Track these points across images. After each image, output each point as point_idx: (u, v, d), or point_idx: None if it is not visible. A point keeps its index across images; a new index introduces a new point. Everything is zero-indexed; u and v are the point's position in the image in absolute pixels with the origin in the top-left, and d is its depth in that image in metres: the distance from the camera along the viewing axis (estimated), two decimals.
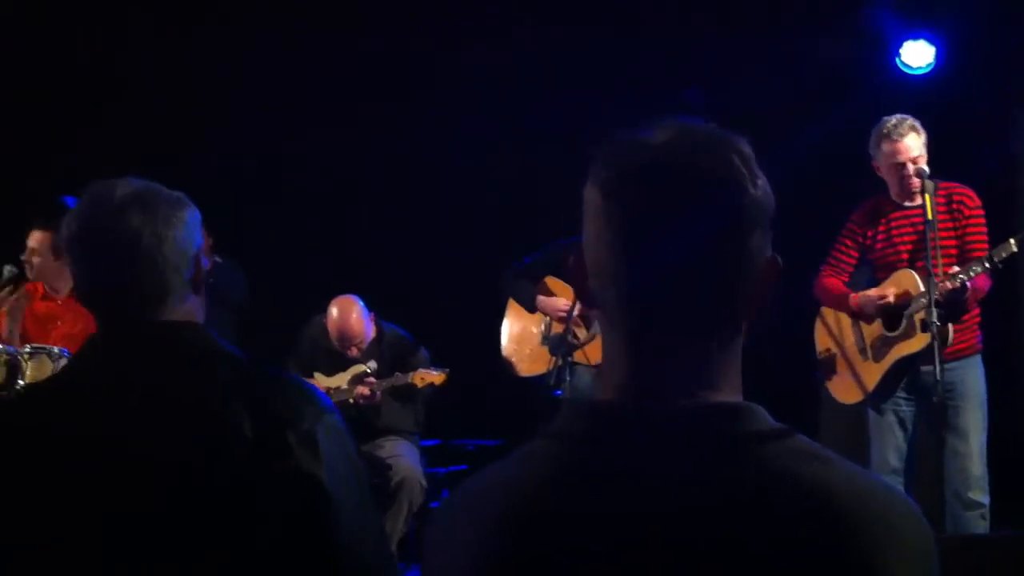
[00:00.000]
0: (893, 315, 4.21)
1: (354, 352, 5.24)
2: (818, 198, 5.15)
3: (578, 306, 4.56)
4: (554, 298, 5.00)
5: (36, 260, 4.78)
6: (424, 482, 5.04)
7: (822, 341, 4.55)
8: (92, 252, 1.66)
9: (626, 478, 1.01)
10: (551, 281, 5.07)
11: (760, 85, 5.59)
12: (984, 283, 4.06)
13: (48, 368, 4.20)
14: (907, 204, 4.26)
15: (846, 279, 4.41)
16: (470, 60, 6.05)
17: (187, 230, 1.67)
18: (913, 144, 4.17)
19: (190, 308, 1.69)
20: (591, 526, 1.01)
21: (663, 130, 1.06)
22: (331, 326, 5.20)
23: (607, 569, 0.99)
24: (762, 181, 1.05)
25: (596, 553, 1.00)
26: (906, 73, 5.61)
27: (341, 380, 5.30)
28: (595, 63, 5.84)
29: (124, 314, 1.65)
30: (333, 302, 5.22)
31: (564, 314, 4.78)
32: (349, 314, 5.18)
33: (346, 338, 5.20)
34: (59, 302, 4.83)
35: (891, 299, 4.17)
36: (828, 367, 4.50)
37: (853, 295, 4.29)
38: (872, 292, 4.23)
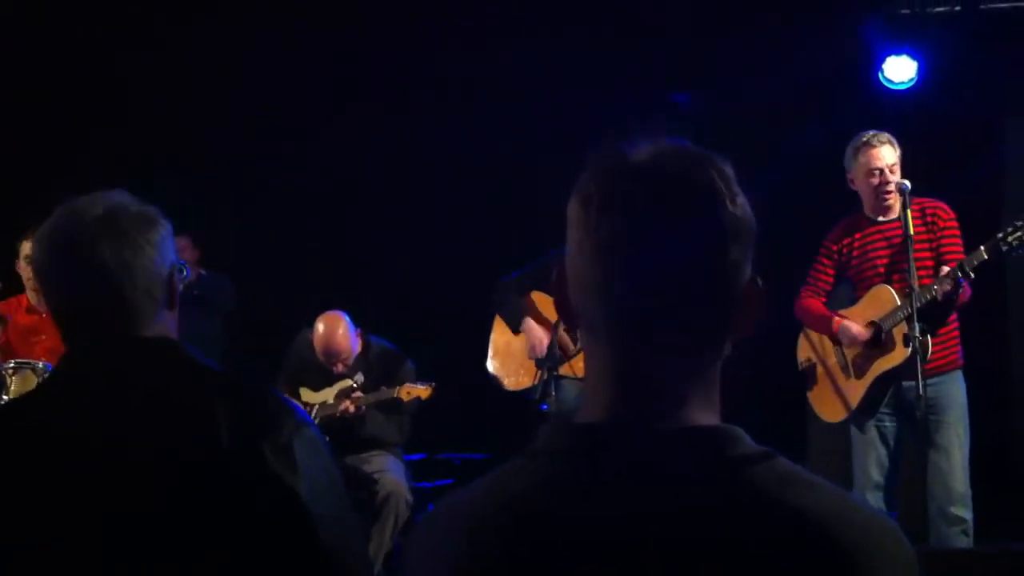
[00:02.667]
0: (875, 331, 4.23)
1: (340, 368, 5.24)
2: (797, 212, 5.18)
3: None
4: (539, 330, 4.98)
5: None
6: (410, 497, 5.03)
7: (805, 359, 4.56)
8: (61, 277, 1.67)
9: (609, 500, 1.02)
10: (537, 296, 5.06)
11: (743, 98, 5.63)
12: (965, 291, 4.08)
13: (33, 383, 4.20)
14: (881, 219, 4.29)
15: (824, 299, 4.43)
16: (468, 62, 6.07)
17: (158, 251, 1.67)
18: (889, 153, 4.20)
19: (163, 326, 1.69)
20: (573, 538, 1.02)
21: (645, 146, 1.07)
22: (317, 342, 5.21)
23: None
24: (741, 200, 1.06)
25: (577, 564, 1.01)
26: (888, 88, 5.65)
27: (328, 395, 5.30)
28: (592, 68, 5.87)
29: (96, 334, 1.66)
30: (319, 318, 5.23)
31: (543, 346, 4.79)
32: (335, 330, 5.19)
33: (332, 354, 5.20)
34: (43, 315, 4.81)
35: (866, 340, 4.20)
36: (811, 385, 4.51)
37: (836, 320, 4.30)
38: (853, 329, 4.24)
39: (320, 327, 5.20)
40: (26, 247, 4.74)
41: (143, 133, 5.79)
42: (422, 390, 5.05)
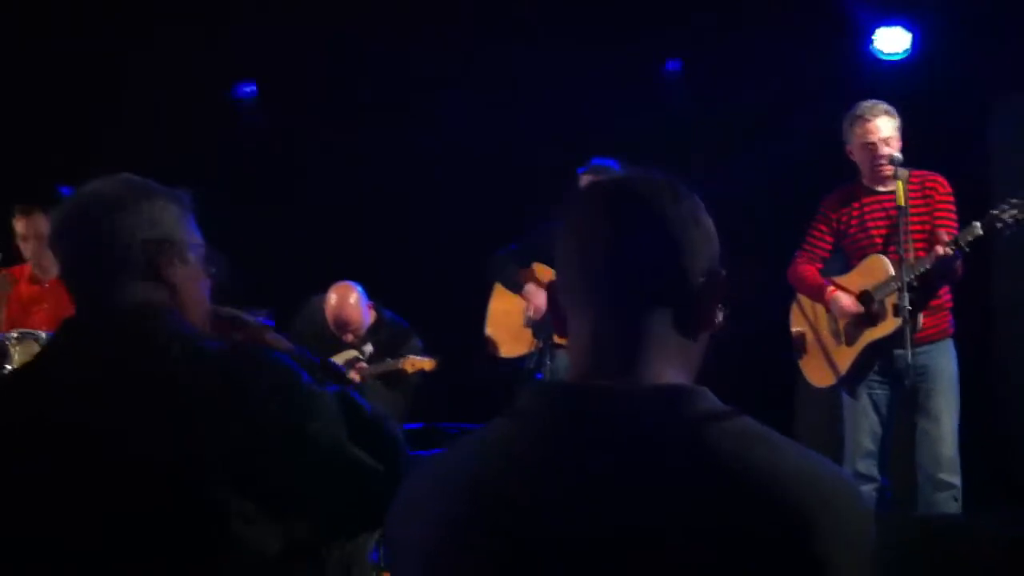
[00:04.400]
0: (866, 300, 4.27)
1: (350, 339, 5.26)
2: (794, 185, 5.20)
3: None
4: (541, 294, 5.02)
5: (33, 244, 4.78)
6: None
7: (797, 325, 4.60)
8: (69, 247, 1.71)
9: (576, 455, 1.09)
10: (539, 267, 5.10)
11: (736, 74, 5.64)
12: (959, 267, 4.12)
13: (35, 352, 4.22)
14: (879, 189, 4.30)
15: (820, 265, 4.45)
16: (467, 57, 6.09)
17: (160, 220, 1.76)
18: (884, 125, 4.21)
19: (157, 294, 1.72)
20: (543, 497, 1.08)
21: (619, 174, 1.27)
22: (328, 312, 5.22)
23: (560, 542, 1.07)
24: (687, 202, 1.20)
25: (550, 524, 1.07)
26: (881, 60, 5.66)
27: None
28: (587, 59, 5.89)
29: (104, 296, 1.68)
30: (332, 288, 5.23)
31: (542, 310, 4.83)
32: (346, 301, 5.20)
33: (342, 325, 5.22)
34: (45, 286, 4.86)
35: (856, 314, 4.24)
36: (802, 350, 4.54)
37: (830, 289, 4.34)
38: (843, 301, 4.28)
39: (332, 297, 5.21)
40: (19, 225, 4.82)
41: (143, 133, 5.79)
42: (426, 362, 5.12)
